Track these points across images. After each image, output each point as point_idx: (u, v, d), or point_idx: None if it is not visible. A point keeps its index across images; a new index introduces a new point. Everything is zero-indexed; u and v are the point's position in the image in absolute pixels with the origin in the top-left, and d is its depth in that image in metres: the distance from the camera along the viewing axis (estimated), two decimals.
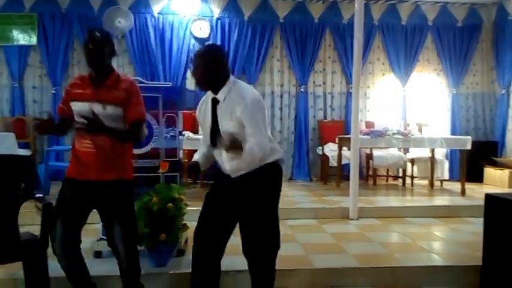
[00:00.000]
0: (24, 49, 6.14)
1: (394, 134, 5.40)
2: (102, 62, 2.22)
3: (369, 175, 6.25)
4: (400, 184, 6.22)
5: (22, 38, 6.11)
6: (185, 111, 3.73)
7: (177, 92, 3.66)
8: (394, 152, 6.02)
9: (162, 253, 2.80)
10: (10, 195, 2.49)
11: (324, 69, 6.74)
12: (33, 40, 6.12)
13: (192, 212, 2.74)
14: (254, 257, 2.22)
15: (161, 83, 5.48)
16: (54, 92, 6.15)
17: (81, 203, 2.24)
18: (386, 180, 6.51)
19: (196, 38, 6.38)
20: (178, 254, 2.96)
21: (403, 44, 6.73)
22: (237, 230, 2.26)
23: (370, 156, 6.01)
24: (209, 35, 6.37)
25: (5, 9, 5.92)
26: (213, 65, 2.06)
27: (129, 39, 6.21)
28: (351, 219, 4.34)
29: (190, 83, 6.39)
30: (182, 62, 6.32)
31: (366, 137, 5.36)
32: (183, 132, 4.74)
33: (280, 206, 4.81)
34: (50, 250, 2.29)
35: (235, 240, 2.26)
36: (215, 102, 2.11)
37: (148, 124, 3.11)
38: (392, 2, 6.66)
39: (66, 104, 2.27)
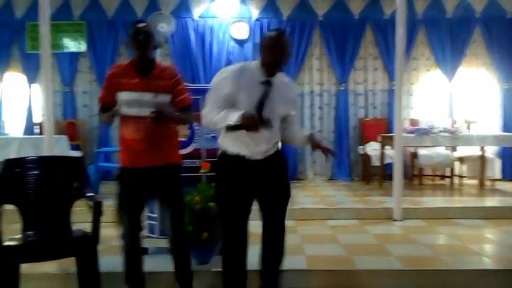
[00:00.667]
0: (75, 56, 6.49)
1: (440, 131, 5.21)
2: (149, 52, 2.30)
3: (414, 175, 6.05)
4: (448, 184, 5.97)
5: (72, 45, 6.46)
6: None
7: None
8: (440, 150, 5.79)
9: (204, 251, 2.87)
10: (63, 194, 2.65)
11: (365, 67, 6.61)
12: (83, 47, 6.45)
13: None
14: (275, 233, 2.20)
15: (202, 84, 5.60)
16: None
17: (136, 190, 2.34)
18: (433, 180, 6.28)
19: (235, 40, 6.46)
20: (220, 253, 3.01)
21: (449, 38, 6.45)
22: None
23: (415, 155, 5.81)
24: (248, 36, 6.43)
25: (55, 18, 6.24)
26: (290, 49, 2.10)
27: (171, 43, 6.40)
28: (395, 220, 4.22)
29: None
30: (222, 63, 6.41)
31: (410, 135, 5.21)
32: None
33: (320, 206, 4.80)
34: (100, 246, 2.42)
35: None
36: (268, 84, 2.07)
37: (190, 125, 3.20)
38: None
39: (111, 92, 2.33)
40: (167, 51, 6.46)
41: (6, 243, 2.25)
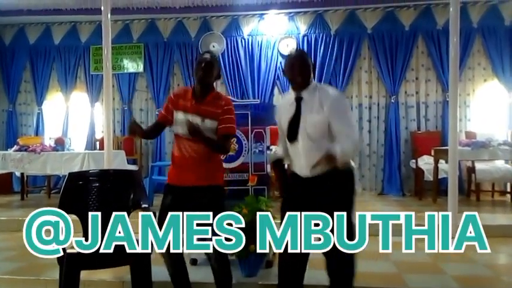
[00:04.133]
0: (133, 76, 6.92)
1: (499, 144, 4.93)
2: (209, 81, 2.45)
3: (471, 190, 5.74)
4: (509, 200, 5.59)
5: (131, 66, 6.90)
6: (272, 127, 3.85)
7: (265, 108, 3.82)
8: (500, 164, 5.46)
9: (251, 264, 2.91)
10: (121, 205, 2.83)
11: (416, 78, 6.43)
12: (140, 67, 6.87)
13: (279, 225, 2.81)
14: (336, 260, 2.18)
15: (250, 100, 5.74)
16: (157, 113, 6.77)
17: (179, 208, 2.43)
18: (492, 196, 5.90)
19: (283, 56, 6.56)
20: (266, 266, 3.05)
21: (507, 46, 6.13)
22: None
23: (472, 170, 5.52)
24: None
25: (116, 41, 6.72)
26: (310, 64, 2.24)
27: (221, 61, 6.63)
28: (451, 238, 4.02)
29: (278, 100, 6.59)
30: (270, 79, 6.55)
31: (466, 148, 4.98)
32: (271, 147, 4.88)
33: (370, 221, 4.66)
34: (153, 256, 2.55)
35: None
36: (299, 100, 2.21)
37: (238, 140, 3.31)
38: (493, 2, 6.13)
39: (169, 112, 2.52)
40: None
41: (69, 251, 2.44)
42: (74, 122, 7.12)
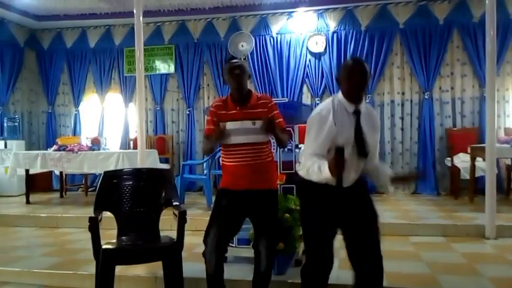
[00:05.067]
0: (164, 77, 7.07)
1: None
2: (245, 85, 2.47)
3: (511, 189, 5.50)
4: None
5: (163, 67, 7.05)
6: (301, 125, 3.84)
7: (294, 107, 3.79)
8: None
9: (280, 262, 2.92)
10: (153, 203, 2.92)
11: (451, 73, 6.22)
12: (171, 68, 7.01)
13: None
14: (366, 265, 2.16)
15: (279, 98, 5.72)
16: (188, 113, 6.93)
17: (234, 211, 2.45)
18: None
19: (312, 53, 6.52)
20: (296, 264, 3.04)
21: None
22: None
23: (511, 168, 5.29)
24: (325, 49, 6.45)
25: (148, 43, 6.89)
26: (369, 75, 2.12)
27: (250, 60, 6.66)
28: (487, 239, 3.88)
29: (306, 98, 6.54)
30: (299, 77, 6.51)
31: (505, 145, 4.78)
32: (299, 146, 4.85)
33: (402, 221, 4.59)
34: (184, 253, 2.61)
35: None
36: (358, 113, 2.10)
37: None
38: None
39: (216, 124, 2.46)
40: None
41: (104, 246, 2.54)
42: (109, 122, 7.36)
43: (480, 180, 5.11)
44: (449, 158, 5.83)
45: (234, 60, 2.47)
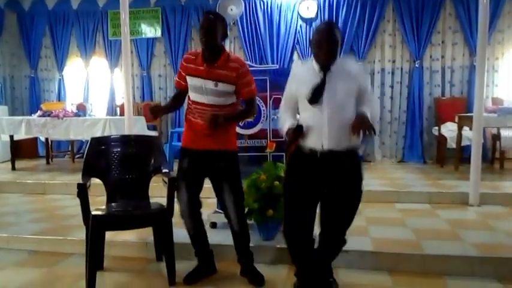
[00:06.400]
0: (151, 41, 6.87)
1: None
2: (215, 42, 2.38)
3: (496, 158, 5.61)
4: None
5: (149, 31, 6.83)
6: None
7: (284, 74, 3.72)
8: None
9: (269, 228, 2.97)
10: (142, 170, 2.90)
11: (442, 42, 6.17)
12: (158, 32, 6.80)
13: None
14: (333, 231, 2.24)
15: (269, 65, 5.64)
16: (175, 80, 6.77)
17: (194, 170, 2.51)
18: None
19: (303, 19, 6.37)
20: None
21: None
22: None
23: (497, 137, 5.37)
24: (316, 14, 6.30)
25: (133, 5, 6.64)
26: (339, 41, 2.10)
27: (239, 25, 6.49)
28: (471, 206, 3.99)
29: (296, 66, 6.43)
30: (289, 44, 6.38)
31: (491, 115, 4.83)
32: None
33: (388, 188, 4.67)
34: (174, 219, 2.62)
35: None
36: (325, 72, 2.10)
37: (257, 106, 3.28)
38: None
39: (182, 78, 2.53)
40: (236, 34, 6.58)
41: (94, 212, 2.53)
42: (95, 87, 7.18)
43: (466, 149, 5.19)
44: (436, 127, 5.89)
45: (207, 17, 2.36)
